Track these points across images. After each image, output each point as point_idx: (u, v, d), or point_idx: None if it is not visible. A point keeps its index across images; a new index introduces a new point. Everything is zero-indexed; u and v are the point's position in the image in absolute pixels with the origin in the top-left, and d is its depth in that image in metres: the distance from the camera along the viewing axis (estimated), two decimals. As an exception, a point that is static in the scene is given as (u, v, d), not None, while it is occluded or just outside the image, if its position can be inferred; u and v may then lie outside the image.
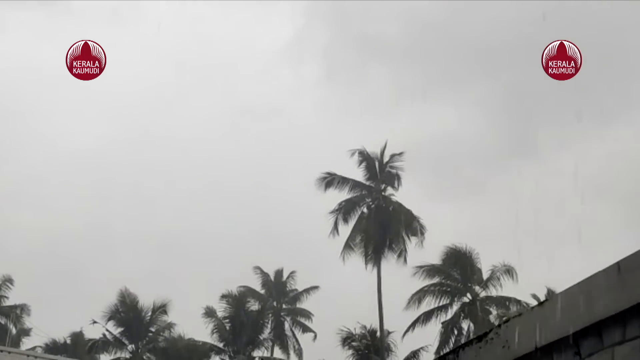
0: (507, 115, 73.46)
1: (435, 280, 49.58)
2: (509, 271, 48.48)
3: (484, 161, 74.58)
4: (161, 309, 56.83)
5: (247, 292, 57.66)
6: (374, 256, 51.80)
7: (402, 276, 54.10)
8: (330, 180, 53.08)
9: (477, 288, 48.89)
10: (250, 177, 76.33)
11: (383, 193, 53.42)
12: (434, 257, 49.70)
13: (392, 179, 53.27)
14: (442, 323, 48.39)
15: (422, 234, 51.84)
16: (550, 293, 45.50)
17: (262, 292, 59.68)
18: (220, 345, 55.82)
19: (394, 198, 53.38)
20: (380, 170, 53.25)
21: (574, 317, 4.82)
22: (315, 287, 59.72)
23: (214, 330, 55.22)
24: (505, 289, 48.66)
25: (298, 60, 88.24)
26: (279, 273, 60.58)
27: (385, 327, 49.81)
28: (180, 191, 75.82)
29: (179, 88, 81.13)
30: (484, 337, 5.71)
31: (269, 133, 78.24)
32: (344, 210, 52.94)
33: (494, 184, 75.19)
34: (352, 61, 77.88)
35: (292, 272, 60.50)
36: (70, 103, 75.50)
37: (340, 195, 53.27)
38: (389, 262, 51.80)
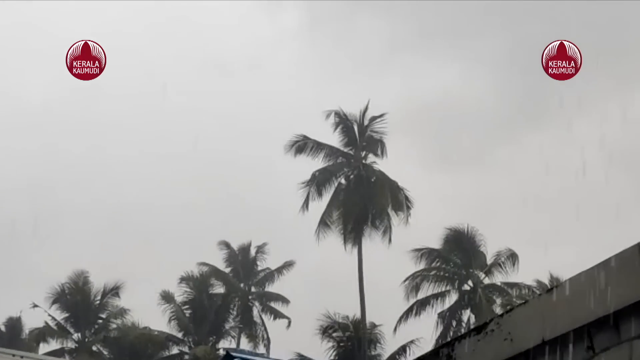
0: (518, 75, 73.45)
1: (434, 264, 49.82)
2: (513, 256, 48.79)
3: (489, 126, 74.72)
4: (113, 292, 56.85)
5: (211, 272, 57.62)
6: (353, 235, 51.84)
7: (389, 257, 54.38)
8: (302, 145, 52.74)
9: (479, 274, 49.18)
10: (218, 141, 76.10)
11: (364, 161, 53.33)
12: (424, 236, 50.00)
13: (375, 144, 53.18)
14: (439, 314, 48.68)
15: (409, 208, 51.88)
16: (557, 279, 45.85)
17: (228, 271, 59.64)
18: (179, 335, 55.98)
19: (376, 167, 53.36)
20: (361, 135, 53.09)
21: (587, 306, 4.84)
22: (290, 264, 59.57)
23: (172, 318, 55.30)
24: (512, 275, 49.02)
25: (277, 8, 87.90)
26: (246, 249, 60.39)
27: (373, 315, 50.11)
28: (136, 157, 75.59)
29: (141, 38, 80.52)
30: (483, 329, 5.72)
31: (242, 91, 77.92)
32: (319, 182, 52.78)
33: (501, 153, 75.43)
34: (339, 10, 77.68)
35: (263, 245, 60.22)
36: (19, 55, 75.17)
37: (314, 163, 53.21)
38: (373, 241, 51.99)
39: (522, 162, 73.50)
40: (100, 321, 56.96)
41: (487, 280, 49.32)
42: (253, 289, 60.47)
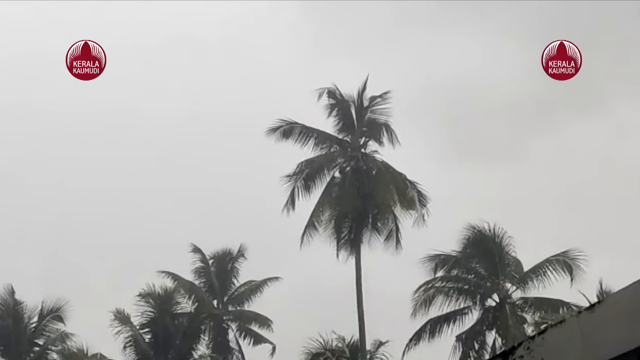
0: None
1: (452, 273, 49.87)
2: (565, 264, 48.59)
3: (521, 113, 74.63)
4: (53, 313, 56.87)
5: (177, 287, 57.71)
6: (350, 239, 51.99)
7: (397, 267, 54.56)
8: (289, 130, 52.88)
9: (508, 286, 49.26)
10: (187, 131, 76.25)
11: (363, 150, 53.45)
12: (440, 241, 49.99)
13: (377, 130, 53.31)
14: (457, 337, 48.86)
15: (424, 205, 52.10)
16: (603, 292, 46.03)
17: (200, 284, 59.75)
18: (137, 364, 56.12)
19: (379, 157, 53.49)
20: (359, 119, 53.22)
21: (638, 325, 4.83)
22: (275, 279, 59.85)
23: (128, 344, 55.35)
24: (554, 288, 49.00)
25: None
26: (222, 257, 60.49)
27: (375, 336, 50.28)
28: (85, 151, 75.51)
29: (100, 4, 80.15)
30: (511, 354, 5.76)
31: (217, 71, 77.93)
32: (307, 175, 52.88)
33: (536, 145, 75.42)
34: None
35: (242, 251, 60.36)
36: None
37: (304, 153, 53.31)
38: (374, 246, 52.21)
39: (564, 156, 73.63)
40: (37, 349, 57.01)
41: (517, 294, 49.37)
42: (230, 307, 60.55)
